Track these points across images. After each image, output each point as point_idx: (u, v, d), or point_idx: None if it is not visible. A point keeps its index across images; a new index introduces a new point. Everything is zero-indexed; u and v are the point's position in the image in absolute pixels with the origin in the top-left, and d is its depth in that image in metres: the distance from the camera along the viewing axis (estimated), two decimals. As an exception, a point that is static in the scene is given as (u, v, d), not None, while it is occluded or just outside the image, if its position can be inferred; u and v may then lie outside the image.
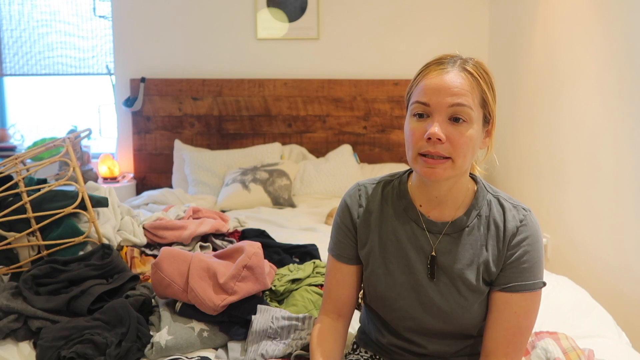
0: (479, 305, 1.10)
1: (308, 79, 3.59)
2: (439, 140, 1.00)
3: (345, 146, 3.52)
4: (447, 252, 1.10)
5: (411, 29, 3.60)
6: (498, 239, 1.09)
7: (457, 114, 1.01)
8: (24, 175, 1.74)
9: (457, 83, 1.01)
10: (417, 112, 1.04)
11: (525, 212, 1.10)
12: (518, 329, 1.06)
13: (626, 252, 2.10)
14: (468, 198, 1.11)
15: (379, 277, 1.13)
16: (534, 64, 2.90)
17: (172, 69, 3.58)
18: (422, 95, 1.03)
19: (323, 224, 2.69)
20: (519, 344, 1.06)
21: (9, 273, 1.65)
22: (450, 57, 1.06)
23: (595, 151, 2.30)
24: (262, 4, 3.53)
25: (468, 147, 1.02)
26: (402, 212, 1.14)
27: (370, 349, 1.24)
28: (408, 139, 1.06)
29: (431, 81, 1.03)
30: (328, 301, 1.21)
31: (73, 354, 1.27)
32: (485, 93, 1.04)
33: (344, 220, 1.19)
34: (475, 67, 1.04)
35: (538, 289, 1.07)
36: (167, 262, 1.49)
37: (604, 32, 2.24)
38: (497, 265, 1.08)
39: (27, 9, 3.62)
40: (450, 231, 1.10)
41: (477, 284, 1.08)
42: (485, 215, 1.10)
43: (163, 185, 3.54)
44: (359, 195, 1.19)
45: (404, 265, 1.12)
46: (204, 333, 1.42)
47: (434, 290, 1.10)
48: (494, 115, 1.07)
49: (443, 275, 1.10)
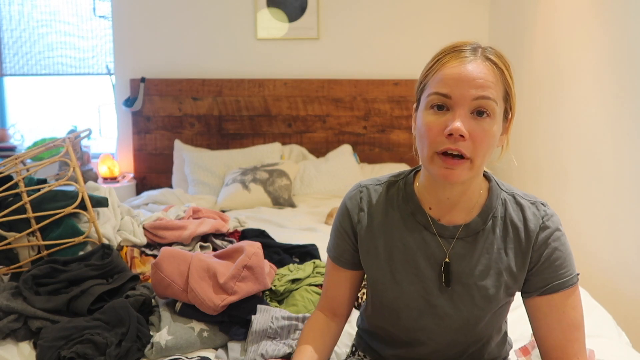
0: (494, 315, 1.04)
1: (308, 79, 3.59)
2: (461, 136, 0.90)
3: (345, 146, 3.52)
4: (461, 258, 1.01)
5: (411, 29, 3.60)
6: (519, 241, 1.00)
7: (481, 107, 0.91)
8: (24, 175, 1.74)
9: (482, 74, 0.91)
10: (435, 104, 0.93)
11: (544, 207, 1.02)
12: (574, 326, 0.99)
13: (626, 252, 2.10)
14: (482, 198, 1.02)
15: (386, 287, 1.05)
16: (534, 64, 2.90)
17: (172, 69, 3.58)
18: (442, 85, 0.92)
19: (323, 224, 2.69)
20: (581, 340, 1.00)
21: (9, 273, 1.65)
22: (468, 45, 0.95)
23: (595, 151, 2.30)
24: (262, 4, 3.53)
25: (490, 145, 0.93)
26: (409, 216, 1.04)
27: (369, 355, 1.20)
28: (423, 135, 0.94)
29: (452, 70, 0.92)
30: (324, 299, 1.17)
31: (73, 354, 1.27)
32: (509, 85, 0.94)
33: (343, 224, 1.10)
34: (497, 56, 0.94)
35: (576, 282, 1.00)
36: (167, 262, 1.49)
37: (604, 32, 2.24)
38: (522, 269, 1.00)
39: (27, 9, 3.62)
40: (463, 235, 1.01)
41: (494, 293, 1.01)
42: (501, 216, 1.02)
43: (163, 185, 3.54)
44: (360, 198, 1.09)
45: (412, 274, 1.03)
46: (204, 333, 1.42)
47: (446, 299, 1.02)
48: (514, 109, 0.97)
49: (456, 284, 1.01)
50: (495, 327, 1.08)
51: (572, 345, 0.99)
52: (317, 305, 1.20)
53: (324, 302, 1.17)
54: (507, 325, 1.18)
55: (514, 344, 1.26)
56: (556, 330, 1.00)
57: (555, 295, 0.99)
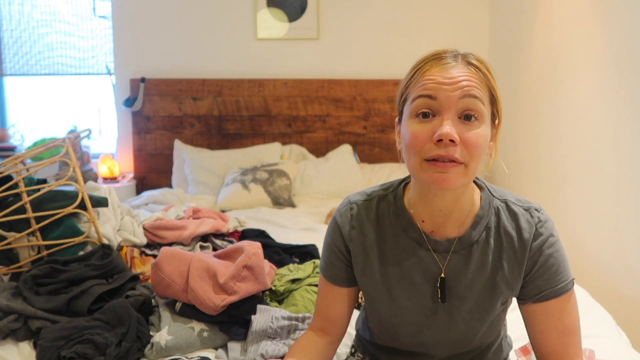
0: (491, 323, 1.03)
1: (308, 79, 3.59)
2: (451, 142, 0.86)
3: (345, 146, 3.52)
4: (457, 273, 0.99)
5: (411, 29, 3.60)
6: (514, 250, 0.98)
7: (469, 109, 0.88)
8: (24, 175, 1.74)
9: (466, 76, 0.89)
10: (420, 112, 0.89)
11: (538, 212, 0.99)
12: (569, 332, 0.98)
13: (626, 252, 2.10)
14: (474, 209, 0.99)
15: (382, 304, 1.03)
16: (534, 63, 2.90)
17: (172, 69, 3.58)
18: (426, 89, 0.89)
19: (323, 224, 2.69)
20: (576, 345, 0.99)
21: (9, 273, 1.65)
22: (449, 52, 0.93)
23: (595, 151, 2.30)
24: (262, 4, 3.53)
25: (482, 148, 0.89)
26: (401, 232, 1.01)
27: (368, 357, 1.19)
28: (409, 144, 0.90)
29: (435, 76, 0.89)
30: (317, 318, 1.12)
31: (73, 354, 1.27)
32: (493, 88, 0.92)
33: (335, 241, 1.06)
34: (478, 60, 0.92)
35: (572, 288, 0.99)
36: (167, 262, 1.49)
37: (604, 32, 2.24)
38: (518, 278, 0.99)
39: (27, 9, 3.62)
40: (458, 248, 0.98)
41: (491, 304, 1.00)
42: (495, 225, 0.99)
43: (163, 185, 3.54)
44: (351, 216, 1.04)
45: (408, 290, 1.01)
46: (204, 333, 1.42)
47: (443, 313, 1.00)
48: (501, 114, 0.95)
49: (453, 298, 0.99)
50: (494, 334, 1.08)
51: (568, 350, 0.99)
52: (309, 326, 1.14)
53: (316, 321, 1.12)
54: (507, 326, 1.18)
55: (514, 344, 1.26)
56: (552, 336, 0.99)
57: (550, 302, 0.98)
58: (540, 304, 0.98)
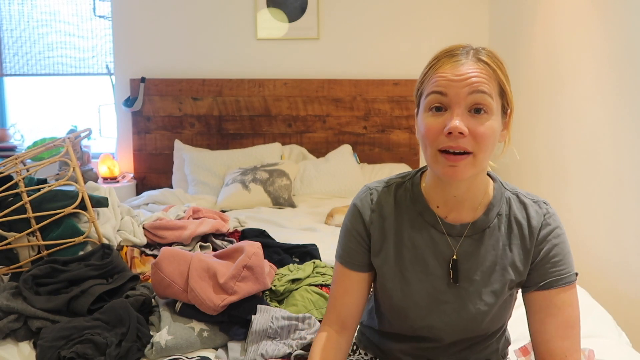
0: (498, 309, 1.06)
1: (308, 79, 3.59)
2: (460, 134, 0.93)
3: (345, 146, 3.52)
4: (468, 256, 1.04)
5: (411, 29, 3.60)
6: (523, 237, 1.04)
7: (477, 103, 0.94)
8: (24, 175, 1.74)
9: (474, 72, 0.95)
10: (433, 106, 0.97)
11: (546, 205, 1.06)
12: (568, 324, 1.01)
13: (626, 252, 2.10)
14: (487, 197, 1.06)
15: (395, 286, 1.07)
16: (534, 63, 2.90)
17: (172, 69, 3.58)
18: (437, 86, 0.96)
19: (323, 224, 2.69)
20: (573, 339, 1.02)
21: (9, 273, 1.65)
22: (461, 48, 0.99)
23: (595, 150, 2.30)
24: (262, 4, 3.53)
25: (490, 139, 0.96)
26: (417, 216, 1.07)
27: (371, 351, 1.21)
28: (424, 136, 0.98)
29: (446, 73, 0.96)
30: (332, 311, 1.12)
31: (73, 354, 1.27)
32: (503, 82, 0.98)
33: (355, 225, 1.10)
34: (489, 56, 0.98)
35: (574, 281, 1.03)
36: (167, 262, 1.49)
37: (604, 31, 2.24)
38: (526, 264, 1.04)
39: (27, 9, 3.62)
40: (471, 233, 1.04)
41: (500, 288, 1.04)
42: (506, 213, 1.05)
43: (163, 185, 3.54)
44: (371, 200, 1.10)
45: (420, 272, 1.06)
46: (204, 333, 1.42)
47: (453, 296, 1.05)
48: (512, 105, 1.01)
49: (464, 280, 1.04)
50: (501, 321, 1.10)
51: (564, 342, 1.01)
52: (323, 321, 1.15)
53: (331, 315, 1.13)
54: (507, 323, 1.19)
55: (514, 344, 1.26)
56: (549, 325, 1.02)
57: (552, 291, 1.02)
58: (542, 292, 1.03)
